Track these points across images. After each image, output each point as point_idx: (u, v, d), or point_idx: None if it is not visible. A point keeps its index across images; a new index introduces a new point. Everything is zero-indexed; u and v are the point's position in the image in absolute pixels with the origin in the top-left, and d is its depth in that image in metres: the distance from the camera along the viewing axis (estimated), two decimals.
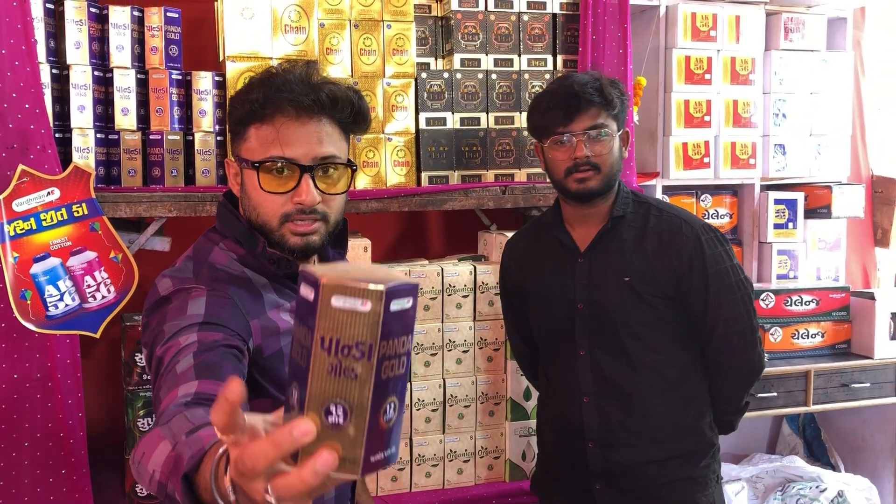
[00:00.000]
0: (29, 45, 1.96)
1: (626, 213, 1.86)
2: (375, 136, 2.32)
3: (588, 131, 1.78)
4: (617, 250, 1.84)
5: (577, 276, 1.88)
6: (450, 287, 2.32)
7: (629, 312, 1.82)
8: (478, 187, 2.38)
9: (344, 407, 0.63)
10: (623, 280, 1.82)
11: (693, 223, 1.85)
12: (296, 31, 2.22)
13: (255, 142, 1.24)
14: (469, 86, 2.41)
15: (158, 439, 0.86)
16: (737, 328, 1.82)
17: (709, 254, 1.81)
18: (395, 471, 2.29)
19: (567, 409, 1.91)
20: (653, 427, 1.84)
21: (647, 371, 1.84)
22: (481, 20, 2.41)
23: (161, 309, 1.21)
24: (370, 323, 0.62)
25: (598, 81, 1.80)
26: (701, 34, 2.78)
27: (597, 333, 1.86)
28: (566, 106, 1.78)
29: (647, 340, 1.83)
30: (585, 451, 1.88)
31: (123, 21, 2.13)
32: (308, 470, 0.60)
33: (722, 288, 1.81)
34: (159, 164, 2.15)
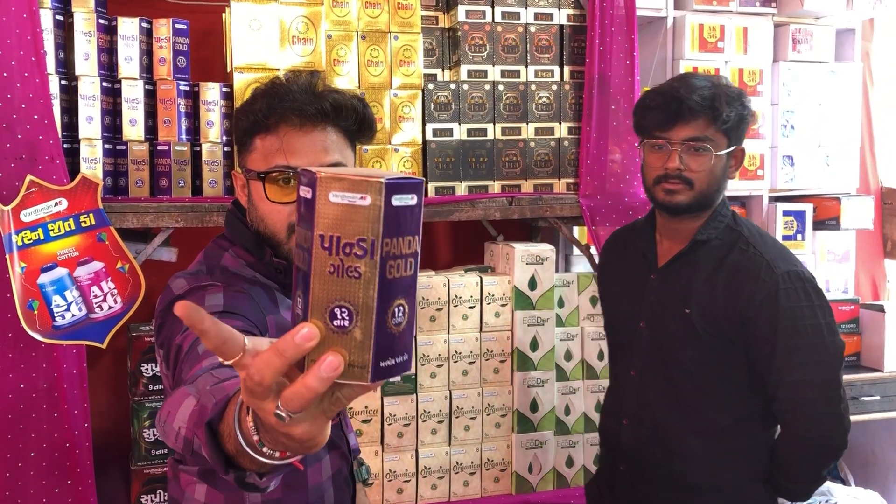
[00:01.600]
0: (38, 56, 1.97)
1: (711, 238, 1.68)
2: (382, 147, 2.33)
3: (687, 142, 1.63)
4: (688, 276, 1.68)
5: (646, 293, 1.75)
6: (456, 298, 2.31)
7: (684, 345, 1.66)
8: (484, 198, 2.38)
9: (349, 309, 0.60)
10: (683, 311, 1.66)
11: (776, 267, 1.61)
12: (303, 43, 2.23)
13: (261, 152, 1.24)
14: (476, 97, 2.41)
15: (184, 396, 0.83)
16: (805, 396, 1.58)
17: (784, 306, 1.58)
18: (401, 483, 2.28)
19: (610, 425, 1.83)
20: (687, 471, 1.68)
21: (692, 412, 1.67)
22: (488, 31, 2.41)
23: None
24: (371, 217, 0.59)
25: (712, 89, 1.62)
26: (708, 45, 2.78)
27: (651, 357, 1.72)
28: (668, 110, 1.63)
29: (699, 380, 1.66)
30: (616, 472, 1.79)
31: (132, 32, 2.15)
32: (313, 376, 0.58)
33: (794, 347, 1.57)
34: (167, 174, 2.15)
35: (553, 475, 2.40)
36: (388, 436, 2.26)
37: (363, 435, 2.24)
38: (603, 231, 2.44)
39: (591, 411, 2.43)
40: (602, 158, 2.44)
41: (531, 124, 2.46)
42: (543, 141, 2.47)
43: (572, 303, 2.42)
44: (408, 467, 2.29)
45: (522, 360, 2.35)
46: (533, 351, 2.35)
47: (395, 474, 2.28)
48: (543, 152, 2.47)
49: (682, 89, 1.62)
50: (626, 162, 2.46)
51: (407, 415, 2.28)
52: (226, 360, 0.62)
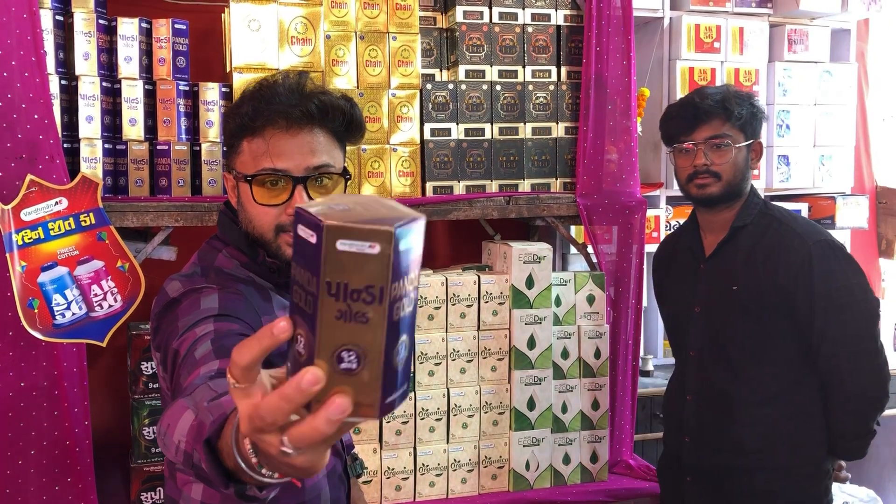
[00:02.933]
0: (38, 56, 1.99)
1: (747, 223, 1.91)
2: (381, 147, 2.34)
3: (709, 140, 1.88)
4: (731, 260, 1.91)
5: (697, 282, 1.97)
6: (454, 297, 2.33)
7: (736, 323, 1.88)
8: (482, 197, 2.39)
9: (357, 352, 0.60)
10: (732, 290, 1.88)
11: (808, 237, 1.83)
12: (302, 43, 2.24)
13: (248, 155, 1.24)
14: (474, 97, 2.42)
15: (182, 409, 0.84)
16: (846, 349, 1.77)
17: (818, 270, 1.79)
18: (399, 480, 2.29)
19: (674, 404, 2.05)
20: (745, 435, 1.88)
21: (749, 382, 1.88)
22: (486, 32, 2.43)
23: (172, 310, 1.20)
24: (380, 265, 0.59)
25: (723, 93, 1.88)
26: (705, 46, 2.80)
27: (707, 337, 1.94)
28: (688, 116, 1.89)
29: (751, 351, 1.87)
30: (682, 445, 1.99)
31: (131, 33, 2.16)
32: (321, 418, 0.59)
33: (831, 306, 1.77)
34: (166, 174, 2.16)
35: (550, 472, 2.42)
36: (386, 433, 2.28)
37: (361, 432, 2.25)
38: (600, 230, 2.46)
39: (588, 409, 2.45)
40: (599, 158, 2.45)
41: (528, 124, 2.47)
42: (541, 141, 2.48)
43: (569, 301, 2.44)
44: (406, 465, 2.30)
45: (520, 359, 2.36)
46: (530, 349, 2.37)
47: (394, 471, 2.29)
48: (541, 152, 2.48)
49: (696, 97, 1.91)
50: (622, 161, 2.48)
51: (405, 412, 2.29)
52: (238, 384, 0.63)
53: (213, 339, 1.06)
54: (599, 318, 2.46)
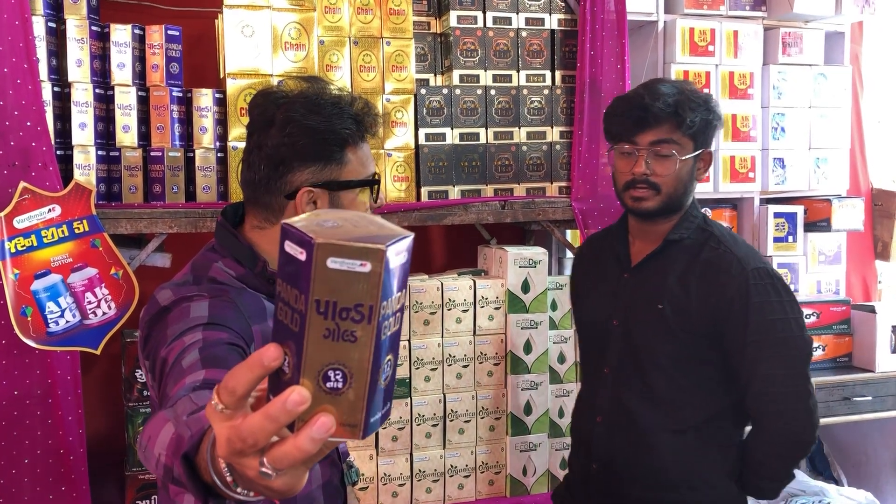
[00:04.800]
0: (31, 63, 1.98)
1: (683, 237, 1.72)
2: (375, 152, 2.33)
3: (653, 147, 1.67)
4: (661, 274, 1.71)
5: (619, 292, 1.78)
6: (449, 301, 2.32)
7: (657, 342, 1.69)
8: (477, 202, 2.39)
9: (343, 371, 0.60)
10: (656, 307, 1.69)
11: (746, 263, 1.65)
12: (296, 49, 2.24)
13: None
14: (468, 101, 2.42)
15: (163, 422, 0.84)
16: (776, 390, 1.61)
17: (755, 301, 1.61)
18: (395, 486, 2.28)
19: (583, 425, 1.83)
20: (661, 468, 1.70)
21: (666, 407, 1.69)
22: (480, 37, 2.43)
23: (162, 319, 1.19)
24: (371, 284, 0.58)
25: (677, 95, 1.66)
26: (699, 49, 2.80)
27: (625, 355, 1.74)
28: (634, 116, 1.67)
29: (672, 376, 1.69)
30: (589, 471, 1.79)
31: (124, 39, 2.15)
32: (304, 437, 0.58)
33: (764, 341, 1.61)
34: (160, 180, 2.16)
35: (547, 477, 2.41)
36: (382, 440, 2.27)
37: None
38: None
39: None
40: (594, 162, 2.45)
41: (523, 128, 2.47)
42: (535, 145, 2.48)
43: (565, 305, 2.43)
44: (402, 471, 2.29)
45: (516, 363, 2.36)
46: (526, 354, 2.36)
47: (390, 478, 2.28)
48: (535, 156, 2.48)
49: (647, 96, 1.66)
50: None
51: (401, 418, 2.28)
52: (225, 409, 0.61)
53: (202, 347, 1.05)
54: None
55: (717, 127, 1.74)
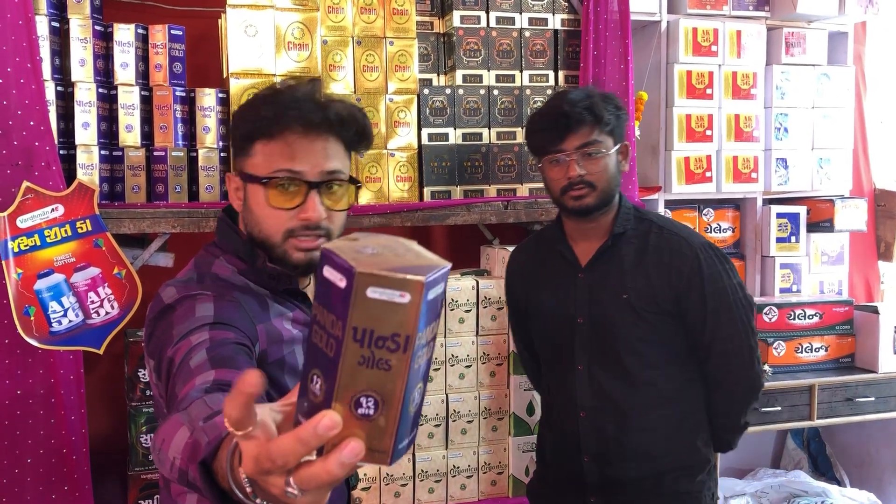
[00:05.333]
0: (34, 62, 1.98)
1: (626, 229, 1.85)
2: (378, 152, 2.33)
3: (580, 150, 1.77)
4: (617, 266, 1.84)
5: (577, 291, 1.88)
6: (452, 302, 2.32)
7: (627, 328, 1.82)
8: (480, 202, 2.39)
9: (375, 399, 0.61)
10: (622, 297, 1.82)
11: (692, 242, 1.84)
12: (299, 48, 2.23)
13: (262, 157, 1.24)
14: (471, 101, 2.42)
15: (177, 425, 0.84)
16: (734, 346, 1.81)
17: (707, 273, 1.80)
18: (398, 486, 2.28)
19: (566, 423, 1.91)
20: (648, 442, 1.84)
21: (644, 386, 1.83)
22: (483, 37, 2.42)
23: (167, 317, 1.19)
24: (409, 315, 0.59)
25: (589, 99, 1.78)
26: (702, 49, 2.80)
27: (595, 349, 1.86)
28: (557, 126, 1.78)
29: (645, 356, 1.83)
30: (582, 466, 1.88)
31: (128, 39, 2.15)
32: (334, 461, 0.59)
33: (720, 306, 1.80)
34: (163, 180, 2.16)
35: None
36: None
37: None
38: None
39: None
40: None
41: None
42: None
43: None
44: (405, 471, 2.29)
45: (519, 364, 2.35)
46: None
47: (393, 478, 2.28)
48: None
49: (564, 105, 1.78)
50: None
51: None
52: (237, 432, 0.62)
53: (209, 347, 1.05)
54: None
55: (626, 121, 1.88)
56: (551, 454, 1.99)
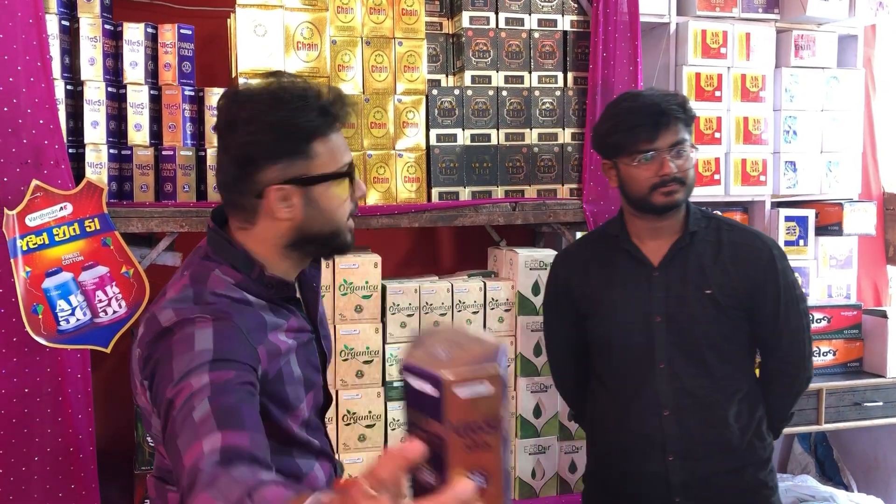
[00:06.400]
0: (44, 61, 1.98)
1: (700, 228, 1.88)
2: (386, 153, 2.33)
3: (674, 147, 1.79)
4: (696, 263, 1.86)
5: (653, 290, 1.86)
6: (460, 303, 2.31)
7: (709, 324, 1.84)
8: (488, 203, 2.38)
9: (483, 474, 0.71)
10: (705, 293, 1.84)
11: (764, 237, 1.93)
12: (308, 48, 2.23)
13: (327, 155, 1.26)
14: (480, 102, 2.42)
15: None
16: (799, 338, 1.88)
17: (780, 266, 1.86)
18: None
19: (646, 423, 1.87)
20: (729, 436, 1.86)
21: (723, 381, 1.86)
22: (492, 37, 2.42)
23: (164, 341, 1.16)
24: (494, 400, 0.71)
25: (677, 97, 1.84)
26: (711, 51, 2.79)
27: (677, 346, 1.85)
28: (653, 123, 1.78)
29: (724, 351, 1.86)
30: (666, 466, 1.85)
31: (137, 38, 2.15)
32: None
33: (791, 299, 1.86)
34: (171, 179, 2.16)
35: (556, 481, 2.40)
36: (391, 440, 2.27)
37: (366, 440, 2.24)
38: None
39: None
40: None
41: (535, 130, 2.46)
42: (547, 146, 2.47)
43: None
44: None
45: (525, 366, 2.35)
46: (536, 356, 2.35)
47: None
48: (547, 158, 2.47)
49: (659, 103, 1.79)
50: None
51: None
52: (369, 489, 0.67)
53: (210, 396, 1.05)
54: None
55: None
56: (624, 459, 1.91)
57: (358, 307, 2.23)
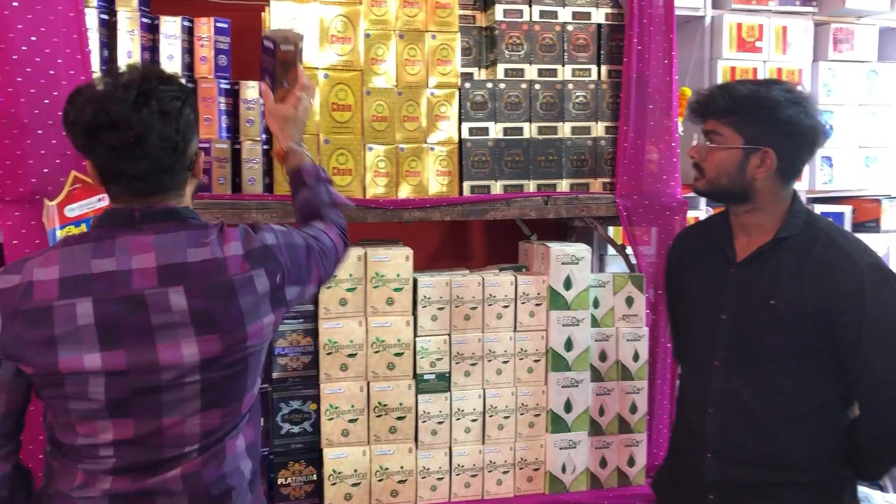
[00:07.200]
0: (83, 54, 2.01)
1: (792, 234, 1.79)
2: (418, 146, 2.33)
3: (706, 134, 1.83)
4: (772, 270, 1.78)
5: (726, 286, 1.84)
6: (490, 297, 2.31)
7: (769, 334, 1.76)
8: (520, 197, 2.38)
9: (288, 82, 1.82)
10: (769, 301, 1.76)
11: (860, 261, 1.72)
12: (342, 42, 2.24)
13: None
14: (512, 96, 2.41)
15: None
16: (887, 377, 1.69)
17: (870, 296, 1.68)
18: (434, 480, 2.28)
19: (693, 417, 1.90)
20: (774, 449, 1.78)
21: (778, 396, 1.77)
22: (526, 30, 2.41)
23: (287, 239, 1.54)
24: (296, 52, 1.78)
25: (732, 92, 1.78)
26: (747, 45, 2.75)
27: (735, 348, 1.82)
28: (697, 103, 1.84)
29: (783, 365, 1.76)
30: (704, 462, 1.85)
31: (174, 31, 2.17)
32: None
33: (878, 333, 1.68)
34: (207, 171, 2.17)
35: (587, 476, 2.39)
36: (421, 433, 2.27)
37: (397, 432, 2.25)
38: (639, 231, 2.43)
39: (626, 412, 2.42)
40: (639, 158, 2.42)
41: (567, 123, 2.45)
42: (580, 140, 2.46)
43: (608, 303, 2.41)
44: (441, 465, 2.29)
45: (557, 360, 2.34)
46: (567, 351, 2.35)
47: (429, 471, 2.28)
48: (580, 151, 2.46)
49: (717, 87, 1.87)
50: (663, 162, 2.44)
51: (441, 412, 2.28)
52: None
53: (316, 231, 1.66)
54: (638, 321, 2.43)
55: (783, 131, 1.75)
56: (677, 446, 1.99)
57: (389, 300, 2.23)
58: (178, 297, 1.33)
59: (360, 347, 2.22)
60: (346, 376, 2.21)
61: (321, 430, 2.20)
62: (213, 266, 1.36)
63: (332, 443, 2.21)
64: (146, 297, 1.32)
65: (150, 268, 1.33)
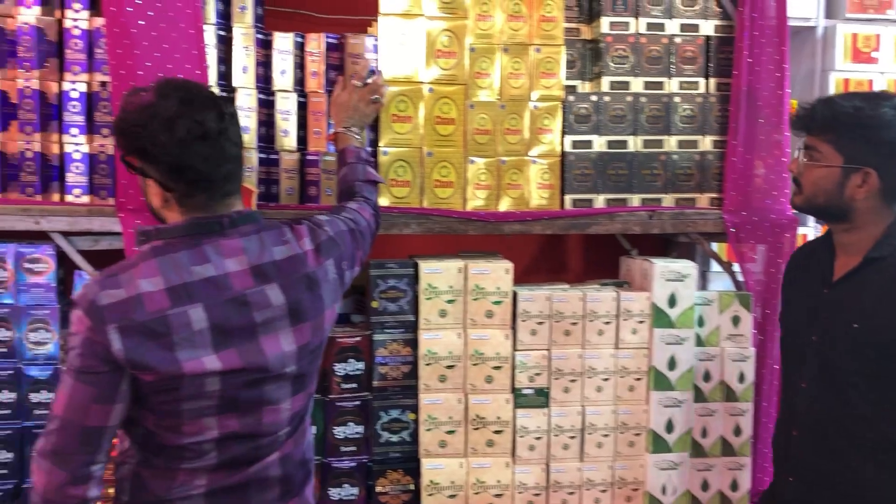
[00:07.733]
0: (202, 69, 2.09)
1: (883, 255, 1.70)
2: (520, 159, 2.33)
3: (805, 148, 1.78)
4: (857, 293, 1.72)
5: (819, 307, 1.79)
6: (592, 313, 2.28)
7: (850, 360, 1.70)
8: (623, 212, 2.34)
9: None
10: (851, 325, 1.70)
11: None
12: (447, 56, 2.26)
13: None
14: (617, 108, 2.38)
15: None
16: None
17: None
18: (531, 496, 2.27)
19: (780, 436, 1.89)
20: (855, 480, 1.71)
21: (862, 426, 1.70)
22: (632, 43, 2.38)
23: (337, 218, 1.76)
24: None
25: (834, 108, 1.72)
26: (862, 56, 2.65)
27: (821, 371, 1.76)
28: (798, 117, 1.81)
29: (865, 393, 1.69)
30: (787, 484, 1.82)
31: (286, 47, 2.24)
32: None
33: None
34: (315, 183, 2.23)
35: (687, 498, 2.33)
36: (519, 448, 2.26)
37: (494, 445, 2.24)
38: (747, 248, 2.36)
39: (730, 434, 2.34)
40: (748, 173, 2.35)
41: (674, 137, 2.40)
42: (686, 154, 2.40)
43: (713, 322, 2.34)
44: (538, 480, 2.27)
45: (659, 379, 2.29)
46: (670, 370, 2.29)
47: (526, 487, 2.26)
48: (686, 166, 2.40)
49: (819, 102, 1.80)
50: (772, 177, 2.37)
51: (539, 428, 2.26)
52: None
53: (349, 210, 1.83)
54: (744, 341, 2.35)
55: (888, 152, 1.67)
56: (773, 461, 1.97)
57: (489, 312, 2.23)
58: (275, 293, 1.46)
59: (459, 359, 2.22)
60: (445, 388, 2.22)
61: (419, 440, 2.22)
62: (297, 261, 1.51)
63: (430, 453, 2.22)
64: (248, 296, 1.43)
65: (244, 269, 1.44)
